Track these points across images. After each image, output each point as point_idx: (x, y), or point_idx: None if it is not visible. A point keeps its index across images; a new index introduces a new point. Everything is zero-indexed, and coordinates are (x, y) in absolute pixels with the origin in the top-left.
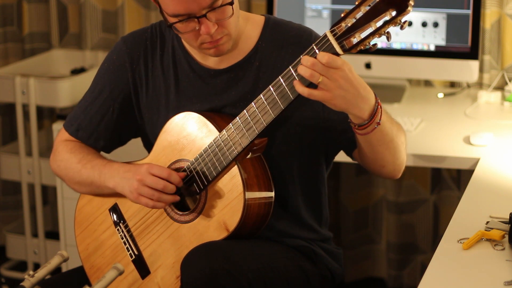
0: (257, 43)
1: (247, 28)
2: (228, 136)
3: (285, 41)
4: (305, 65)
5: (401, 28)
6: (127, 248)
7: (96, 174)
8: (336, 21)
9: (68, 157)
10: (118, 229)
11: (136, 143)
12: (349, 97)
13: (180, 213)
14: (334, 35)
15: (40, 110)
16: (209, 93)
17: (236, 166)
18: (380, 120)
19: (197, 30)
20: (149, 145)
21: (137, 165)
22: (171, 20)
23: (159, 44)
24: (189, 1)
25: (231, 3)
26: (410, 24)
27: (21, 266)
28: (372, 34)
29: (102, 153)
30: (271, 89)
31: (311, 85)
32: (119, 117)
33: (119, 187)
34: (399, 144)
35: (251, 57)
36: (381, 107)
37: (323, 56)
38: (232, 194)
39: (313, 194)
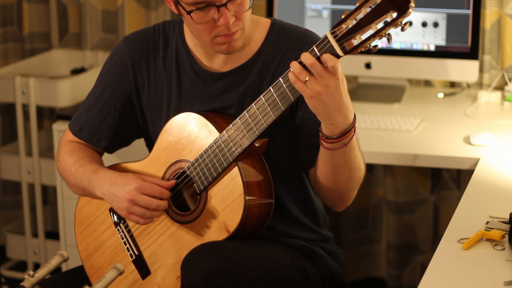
0: (261, 47)
1: (253, 29)
2: (229, 137)
3: (289, 46)
4: (305, 62)
5: (402, 29)
6: (127, 248)
7: (86, 180)
8: (336, 21)
9: (65, 158)
10: (118, 229)
11: (137, 143)
12: (331, 106)
13: (181, 213)
14: (334, 37)
15: (40, 110)
16: (211, 96)
17: (236, 167)
18: (348, 143)
19: (214, 21)
20: (151, 145)
21: (124, 177)
22: (190, 8)
23: (161, 45)
24: None
25: None
26: (410, 24)
27: (21, 266)
28: (373, 36)
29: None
30: (272, 90)
31: None
32: (121, 118)
33: (106, 198)
34: (355, 177)
35: (254, 60)
36: (355, 131)
37: (331, 60)
38: (232, 195)
39: (304, 195)
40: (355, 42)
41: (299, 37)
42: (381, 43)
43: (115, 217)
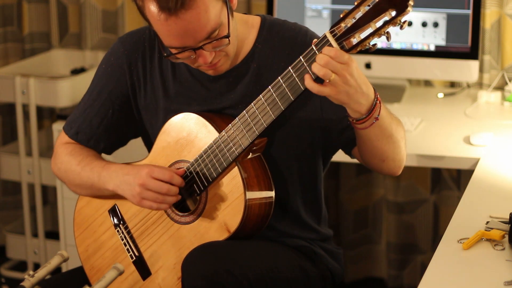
0: (254, 45)
1: (244, 31)
2: (228, 137)
3: (281, 42)
4: (319, 63)
5: (401, 28)
6: (127, 249)
7: (95, 176)
8: (335, 21)
9: (68, 159)
10: (118, 231)
11: (136, 143)
12: (352, 93)
13: (181, 214)
14: (333, 36)
15: (40, 110)
16: (208, 97)
17: (236, 167)
18: (378, 115)
19: (194, 58)
20: (149, 145)
21: (135, 167)
22: (167, 51)
23: (157, 46)
24: (184, 37)
25: (227, 36)
26: (410, 24)
27: (21, 266)
28: (372, 35)
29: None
30: (271, 90)
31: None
32: (118, 119)
33: (119, 190)
34: (398, 139)
35: (248, 59)
36: (380, 102)
37: (330, 51)
38: (232, 195)
39: (311, 193)
40: (354, 40)
41: (289, 32)
42: (380, 42)
43: (115, 218)
